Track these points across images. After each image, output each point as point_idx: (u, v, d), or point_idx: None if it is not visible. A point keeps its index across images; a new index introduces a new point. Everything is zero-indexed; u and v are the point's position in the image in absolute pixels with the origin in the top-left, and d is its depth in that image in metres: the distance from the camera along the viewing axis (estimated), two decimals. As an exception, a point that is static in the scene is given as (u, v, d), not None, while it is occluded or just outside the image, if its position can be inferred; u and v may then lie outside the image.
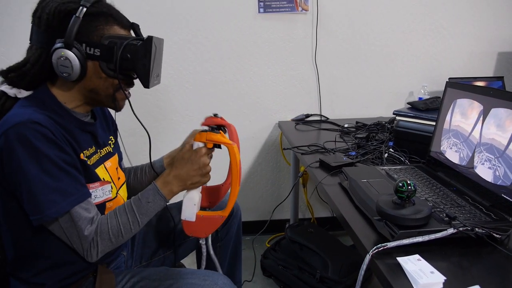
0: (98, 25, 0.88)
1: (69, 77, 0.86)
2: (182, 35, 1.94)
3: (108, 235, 0.89)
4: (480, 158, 0.99)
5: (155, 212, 0.97)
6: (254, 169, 2.20)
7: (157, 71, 0.96)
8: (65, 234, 0.86)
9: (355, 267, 1.63)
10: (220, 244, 1.32)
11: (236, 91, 2.05)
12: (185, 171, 0.97)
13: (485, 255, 0.80)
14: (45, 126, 0.82)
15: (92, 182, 0.93)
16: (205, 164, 0.98)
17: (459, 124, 1.10)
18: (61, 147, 0.84)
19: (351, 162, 1.29)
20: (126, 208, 0.94)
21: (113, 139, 1.12)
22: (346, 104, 2.16)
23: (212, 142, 0.98)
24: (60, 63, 0.84)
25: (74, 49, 0.85)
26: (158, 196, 0.96)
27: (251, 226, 2.08)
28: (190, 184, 0.99)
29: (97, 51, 0.87)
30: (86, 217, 0.86)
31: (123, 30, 0.92)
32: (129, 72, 0.93)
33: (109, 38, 0.88)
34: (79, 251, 0.88)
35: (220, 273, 1.03)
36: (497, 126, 0.95)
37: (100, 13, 0.88)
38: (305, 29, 2.01)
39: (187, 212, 1.01)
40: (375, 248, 0.77)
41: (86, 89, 0.92)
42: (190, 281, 0.97)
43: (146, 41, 0.89)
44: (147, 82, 0.91)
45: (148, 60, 0.89)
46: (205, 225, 1.03)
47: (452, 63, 2.17)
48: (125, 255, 1.13)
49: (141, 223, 0.94)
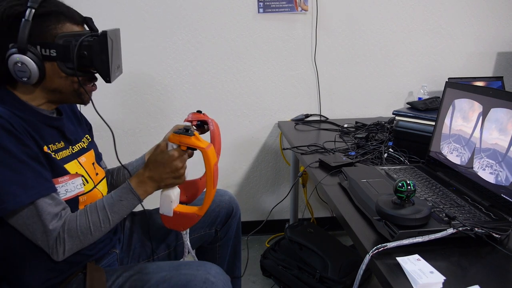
0: (49, 24, 0.86)
1: (28, 81, 0.85)
2: (182, 35, 1.94)
3: (76, 232, 0.87)
4: (481, 163, 0.99)
5: (128, 211, 0.96)
6: (254, 169, 2.20)
7: (117, 63, 0.95)
8: (28, 230, 0.84)
9: (355, 267, 1.63)
10: (219, 243, 1.32)
11: (236, 91, 2.05)
12: (158, 173, 0.97)
13: (485, 255, 0.80)
14: (4, 118, 0.81)
15: (60, 176, 0.91)
16: (178, 168, 0.97)
17: (461, 128, 1.10)
18: (21, 140, 0.82)
19: (351, 162, 1.29)
20: (97, 206, 0.93)
21: (89, 138, 1.11)
22: (346, 104, 2.16)
23: (185, 145, 0.98)
24: (16, 68, 0.83)
25: (29, 53, 0.83)
26: (132, 195, 0.95)
27: (251, 226, 2.08)
28: (164, 185, 0.99)
29: (53, 51, 0.86)
30: (50, 211, 0.85)
31: (76, 27, 0.91)
32: (89, 69, 0.91)
33: (63, 37, 0.87)
34: (45, 248, 0.86)
35: (213, 264, 1.03)
36: (498, 128, 0.95)
37: (50, 12, 0.86)
38: (304, 29, 2.01)
39: (164, 208, 1.02)
40: (375, 248, 0.77)
41: (48, 89, 0.91)
42: (183, 271, 0.97)
43: (101, 37, 0.87)
44: (108, 77, 0.90)
45: (106, 55, 0.88)
46: (182, 221, 1.05)
47: (452, 63, 2.17)
48: (117, 252, 1.13)
49: (112, 222, 0.93)
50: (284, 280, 1.74)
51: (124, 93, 1.96)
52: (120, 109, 1.98)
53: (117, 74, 0.95)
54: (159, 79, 1.98)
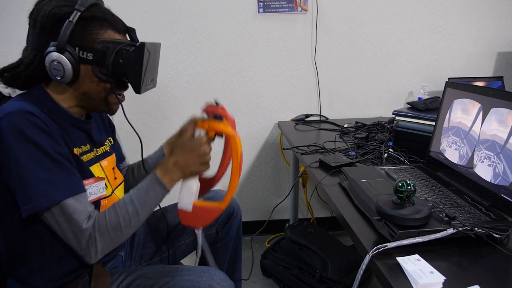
0: (92, 29, 0.88)
1: (61, 80, 0.86)
2: (182, 35, 1.94)
3: (106, 229, 0.86)
4: (480, 156, 0.99)
5: (156, 202, 0.94)
6: (254, 169, 2.20)
7: (150, 76, 0.96)
8: (61, 229, 0.83)
9: (355, 267, 1.63)
10: (220, 244, 1.32)
11: (236, 91, 2.05)
12: (185, 158, 0.95)
13: (485, 255, 0.80)
14: (38, 117, 0.81)
15: (86, 178, 0.92)
16: (206, 153, 0.96)
17: (460, 120, 1.10)
18: (54, 138, 0.83)
19: (351, 162, 1.29)
20: (124, 200, 0.91)
21: (111, 140, 1.12)
22: (346, 104, 2.16)
23: (214, 131, 0.95)
24: (52, 66, 0.85)
25: (67, 53, 0.84)
26: (158, 185, 0.93)
27: (251, 226, 2.08)
28: (189, 172, 0.96)
29: (90, 55, 0.87)
30: (82, 210, 0.84)
31: (118, 35, 0.92)
32: (121, 77, 0.92)
33: (103, 43, 0.88)
34: (77, 249, 0.85)
35: (217, 269, 1.03)
36: (498, 122, 0.95)
37: (94, 17, 0.88)
38: (304, 29, 2.01)
39: (184, 201, 0.97)
40: (375, 248, 0.77)
41: (79, 92, 0.92)
42: (186, 277, 0.97)
43: (139, 48, 0.88)
44: (139, 88, 0.91)
45: (140, 66, 0.88)
46: (201, 216, 0.99)
47: (452, 63, 2.18)
48: (122, 255, 1.13)
49: (141, 215, 0.91)
50: (284, 280, 1.74)
51: (123, 93, 1.96)
52: (120, 109, 1.97)
53: (149, 86, 0.96)
54: (159, 79, 1.97)
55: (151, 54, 0.92)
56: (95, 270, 0.97)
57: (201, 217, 1.00)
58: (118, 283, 0.97)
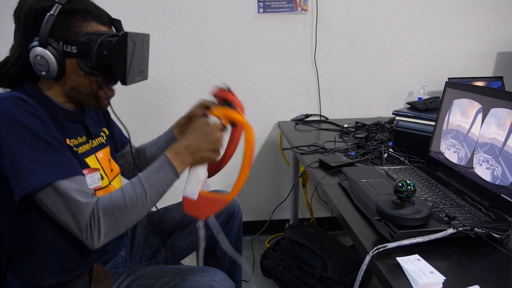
0: (75, 22, 0.87)
1: (46, 75, 0.86)
2: (182, 35, 1.94)
3: (111, 209, 0.81)
4: (478, 159, 0.99)
5: (166, 185, 0.89)
6: (254, 169, 2.20)
7: (139, 67, 0.94)
8: (58, 211, 0.80)
9: (355, 267, 1.63)
10: (220, 244, 1.32)
11: (236, 91, 2.03)
12: (197, 142, 0.92)
13: (485, 255, 0.80)
14: (28, 103, 0.81)
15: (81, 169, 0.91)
16: (218, 139, 0.94)
17: (459, 123, 1.10)
18: (45, 122, 0.82)
19: (351, 162, 1.29)
20: (132, 181, 0.88)
21: (106, 131, 1.11)
22: (346, 104, 2.16)
23: (229, 120, 0.93)
24: (36, 61, 0.84)
25: (50, 47, 0.84)
26: (168, 166, 0.89)
27: (251, 226, 2.08)
28: (199, 157, 0.93)
29: (74, 48, 0.86)
30: (79, 189, 0.81)
31: (102, 27, 0.91)
32: (107, 69, 0.90)
33: (86, 35, 0.87)
34: (77, 233, 0.81)
35: (217, 269, 1.02)
36: (497, 126, 0.95)
37: (77, 9, 0.87)
38: (304, 29, 2.01)
39: (191, 188, 0.93)
40: (375, 249, 0.77)
41: (67, 87, 0.91)
42: (187, 277, 0.97)
43: (121, 37, 0.86)
44: (124, 79, 0.89)
45: (124, 56, 0.86)
46: (206, 206, 0.95)
47: (452, 63, 2.18)
48: (123, 255, 1.13)
49: (149, 197, 0.86)
50: (284, 280, 1.74)
51: (124, 93, 1.96)
52: (120, 109, 1.97)
53: (138, 78, 0.95)
54: (159, 79, 1.98)
55: (136, 44, 0.90)
56: (95, 270, 0.97)
57: (205, 208, 0.96)
58: (118, 283, 0.97)
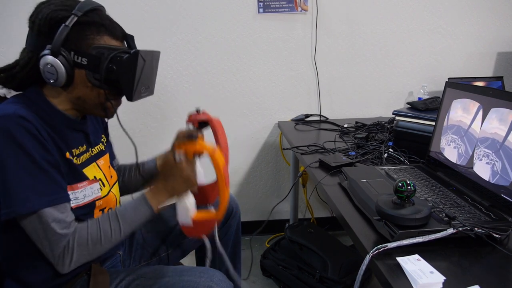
0: (88, 34, 0.88)
1: (54, 83, 0.86)
2: (182, 35, 1.94)
3: (86, 241, 0.86)
4: (478, 154, 0.99)
5: (141, 222, 0.95)
6: (254, 169, 2.20)
7: (146, 84, 0.95)
8: (37, 235, 0.83)
9: (355, 267, 1.63)
10: (219, 244, 1.32)
11: (236, 91, 2.05)
12: (170, 183, 0.97)
13: (485, 255, 0.80)
14: (30, 121, 0.81)
15: (80, 181, 0.92)
16: (188, 176, 0.98)
17: (460, 119, 1.10)
18: (44, 145, 0.83)
19: (351, 162, 1.29)
20: (109, 216, 0.92)
21: (104, 138, 1.12)
22: (346, 104, 2.16)
23: (192, 152, 0.98)
24: (46, 69, 0.85)
25: (61, 57, 0.84)
26: (145, 206, 0.94)
27: (251, 226, 2.08)
28: (177, 194, 0.99)
29: (84, 60, 0.87)
30: (61, 219, 0.84)
31: (114, 41, 0.92)
32: (115, 84, 0.92)
33: (98, 48, 0.88)
34: (50, 258, 0.85)
35: (216, 270, 1.03)
36: (498, 121, 0.95)
37: (91, 22, 0.88)
38: (304, 29, 2.01)
39: (183, 217, 1.02)
40: (376, 249, 0.77)
41: (74, 96, 0.91)
42: (186, 278, 0.97)
43: (132, 55, 0.88)
44: (130, 96, 0.91)
45: (133, 74, 0.88)
46: (202, 227, 1.03)
47: (452, 63, 2.18)
48: (121, 254, 1.13)
49: (123, 232, 0.91)
50: (284, 280, 1.74)
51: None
52: (120, 109, 1.97)
53: (144, 94, 0.96)
54: (159, 79, 1.97)
55: (146, 62, 0.91)
56: (93, 270, 0.97)
57: (202, 228, 1.04)
58: (117, 283, 0.97)
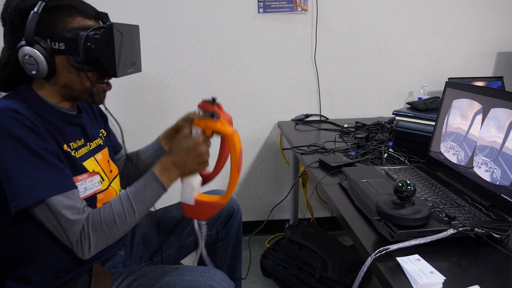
0: (60, 18, 0.86)
1: (37, 74, 0.85)
2: (182, 35, 1.94)
3: (101, 225, 0.85)
4: (477, 162, 0.99)
5: (153, 200, 0.93)
6: (254, 169, 2.20)
7: (129, 59, 0.93)
8: (51, 225, 0.83)
9: (355, 267, 1.63)
10: (220, 244, 1.32)
11: (236, 91, 2.05)
12: (182, 159, 0.94)
13: (485, 255, 0.80)
14: (23, 115, 0.80)
15: (79, 174, 0.91)
16: (202, 153, 0.95)
17: (459, 126, 1.10)
18: (40, 135, 0.82)
19: (351, 162, 1.29)
20: (120, 197, 0.90)
21: (104, 132, 1.11)
22: (346, 104, 2.16)
23: (211, 130, 0.95)
24: (25, 61, 0.83)
25: (37, 45, 0.83)
26: (156, 183, 0.92)
27: (251, 226, 2.08)
28: (187, 171, 0.96)
29: (61, 45, 0.85)
30: (71, 206, 0.83)
31: (88, 20, 0.90)
32: (97, 63, 0.89)
33: (72, 30, 0.86)
34: (68, 245, 0.84)
35: (217, 269, 1.03)
36: (496, 128, 0.95)
37: (61, 5, 0.86)
38: (304, 29, 2.01)
39: (186, 196, 0.98)
40: (378, 251, 0.77)
41: (60, 85, 0.90)
42: (187, 277, 0.97)
43: (107, 29, 0.85)
44: (114, 72, 0.88)
45: (112, 48, 0.86)
46: (203, 209, 1.00)
47: (452, 63, 2.18)
48: (122, 255, 1.13)
49: (137, 213, 0.90)
50: (284, 280, 1.74)
51: (124, 93, 1.96)
52: (120, 109, 1.98)
53: (130, 70, 0.93)
54: (159, 79, 1.98)
55: (124, 35, 0.89)
56: (94, 270, 0.97)
57: (204, 211, 1.00)
58: (118, 283, 0.97)
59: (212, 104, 0.98)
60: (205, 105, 0.99)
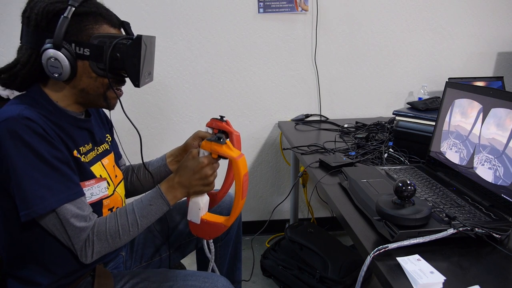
0: (87, 24, 0.87)
1: (59, 77, 0.86)
2: (182, 35, 1.94)
3: (105, 235, 0.88)
4: (480, 158, 0.99)
5: (157, 216, 0.95)
6: (254, 169, 2.20)
7: (148, 69, 0.95)
8: (58, 231, 0.85)
9: (355, 267, 1.63)
10: (220, 244, 1.32)
11: (236, 91, 2.05)
12: (188, 179, 0.96)
13: (485, 255, 0.80)
14: (36, 122, 0.81)
15: (87, 179, 0.92)
16: (207, 175, 0.96)
17: (459, 124, 1.10)
18: (52, 143, 0.83)
19: (351, 162, 1.29)
20: (126, 209, 0.93)
21: (109, 137, 1.12)
22: (346, 104, 2.16)
23: (216, 154, 0.97)
24: (50, 63, 0.84)
25: (64, 50, 0.84)
26: (161, 200, 0.95)
27: (251, 226, 2.08)
28: (193, 192, 0.98)
29: (86, 50, 0.87)
30: (78, 214, 0.85)
31: (113, 29, 0.92)
32: (119, 71, 0.92)
33: (99, 38, 0.88)
34: (73, 250, 0.87)
35: (220, 275, 1.03)
36: (497, 126, 0.95)
37: (89, 12, 0.87)
38: (304, 29, 2.01)
39: (192, 214, 1.01)
40: (376, 250, 0.77)
41: (77, 88, 0.91)
42: (190, 283, 0.97)
43: (135, 40, 0.87)
44: (138, 81, 0.90)
45: (138, 59, 0.88)
46: (209, 229, 1.03)
47: (452, 63, 2.18)
48: (123, 255, 1.13)
49: (140, 226, 0.93)
50: (284, 280, 1.74)
51: (124, 93, 1.96)
52: (120, 109, 1.97)
53: (147, 80, 0.96)
54: (159, 79, 1.98)
55: (147, 47, 0.91)
56: (97, 271, 0.97)
57: (209, 230, 1.03)
58: (121, 285, 0.97)
59: (221, 121, 1.00)
60: (213, 122, 1.01)
